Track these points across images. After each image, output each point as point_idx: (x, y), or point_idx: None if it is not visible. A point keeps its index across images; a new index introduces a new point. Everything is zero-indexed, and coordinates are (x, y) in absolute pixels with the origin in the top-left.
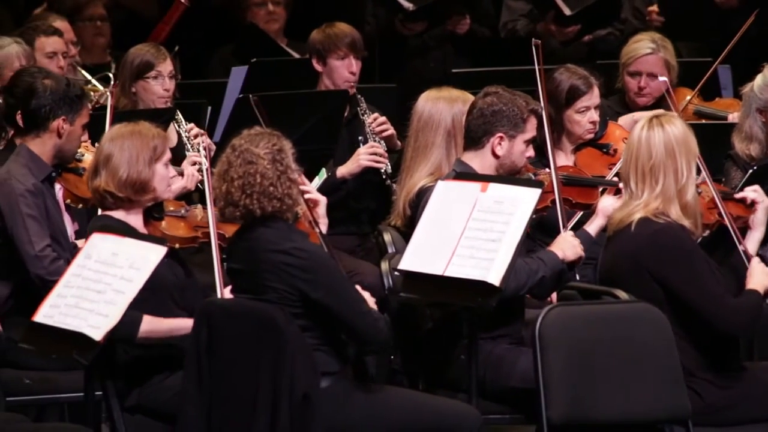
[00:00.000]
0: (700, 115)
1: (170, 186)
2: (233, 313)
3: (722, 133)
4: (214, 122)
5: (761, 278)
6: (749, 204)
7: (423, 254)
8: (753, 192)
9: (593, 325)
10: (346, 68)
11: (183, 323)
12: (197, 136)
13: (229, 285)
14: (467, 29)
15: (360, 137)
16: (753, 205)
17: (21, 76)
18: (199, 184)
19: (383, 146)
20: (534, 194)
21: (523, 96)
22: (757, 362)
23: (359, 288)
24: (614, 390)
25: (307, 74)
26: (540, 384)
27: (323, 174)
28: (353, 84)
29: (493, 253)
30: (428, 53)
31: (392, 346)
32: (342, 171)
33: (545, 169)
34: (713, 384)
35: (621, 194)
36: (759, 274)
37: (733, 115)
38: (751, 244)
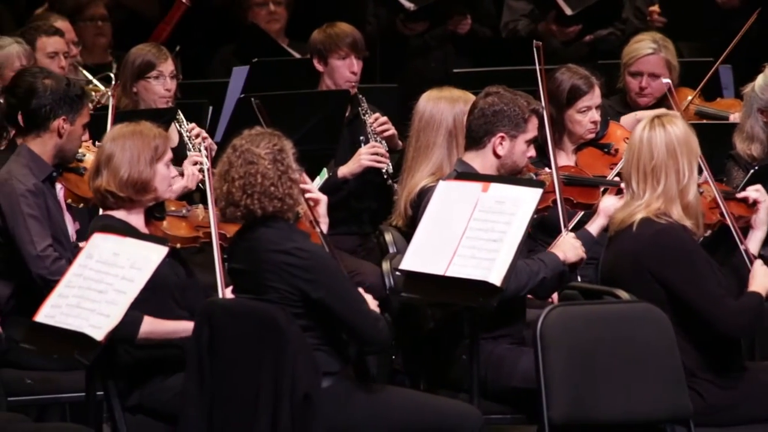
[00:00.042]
0: (702, 116)
1: (171, 186)
2: (234, 313)
3: (723, 134)
4: (216, 122)
5: (763, 280)
6: (751, 204)
7: (424, 254)
8: (755, 192)
9: (594, 325)
10: (348, 68)
11: (183, 326)
12: (198, 136)
13: (231, 285)
14: (468, 29)
15: (361, 137)
16: (755, 205)
17: (22, 76)
18: (200, 184)
19: (384, 146)
20: (535, 194)
21: (525, 96)
22: (759, 362)
23: (362, 290)
24: (616, 390)
25: (308, 74)
26: (541, 384)
27: (324, 174)
28: (354, 84)
29: (495, 253)
30: (429, 53)
31: (393, 346)
32: (343, 171)
33: (546, 169)
34: (715, 384)
35: (622, 194)
36: (761, 277)
37: (735, 116)
38: (753, 244)
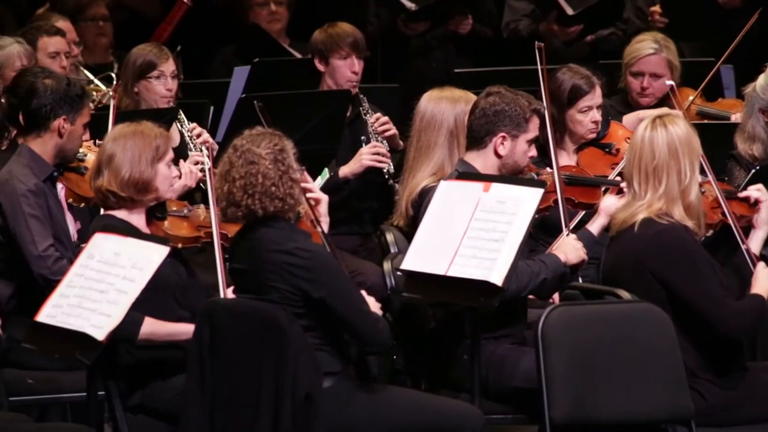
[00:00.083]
0: (703, 116)
1: (173, 186)
2: (236, 313)
3: (725, 134)
4: (217, 122)
5: (766, 283)
6: (753, 203)
7: (425, 254)
8: (757, 191)
9: (596, 325)
10: (349, 68)
11: (184, 328)
12: (199, 136)
13: (232, 285)
14: (470, 29)
15: (362, 137)
16: (756, 204)
17: (23, 76)
18: (202, 184)
19: (386, 146)
20: (536, 194)
21: (526, 96)
22: (760, 362)
23: (364, 293)
24: (617, 390)
25: (310, 74)
26: (542, 384)
27: (326, 174)
28: (355, 84)
29: (496, 253)
30: (431, 53)
31: (395, 346)
32: (344, 171)
33: (547, 169)
34: (716, 384)
35: (623, 194)
36: (764, 279)
37: (736, 116)
38: (755, 244)
